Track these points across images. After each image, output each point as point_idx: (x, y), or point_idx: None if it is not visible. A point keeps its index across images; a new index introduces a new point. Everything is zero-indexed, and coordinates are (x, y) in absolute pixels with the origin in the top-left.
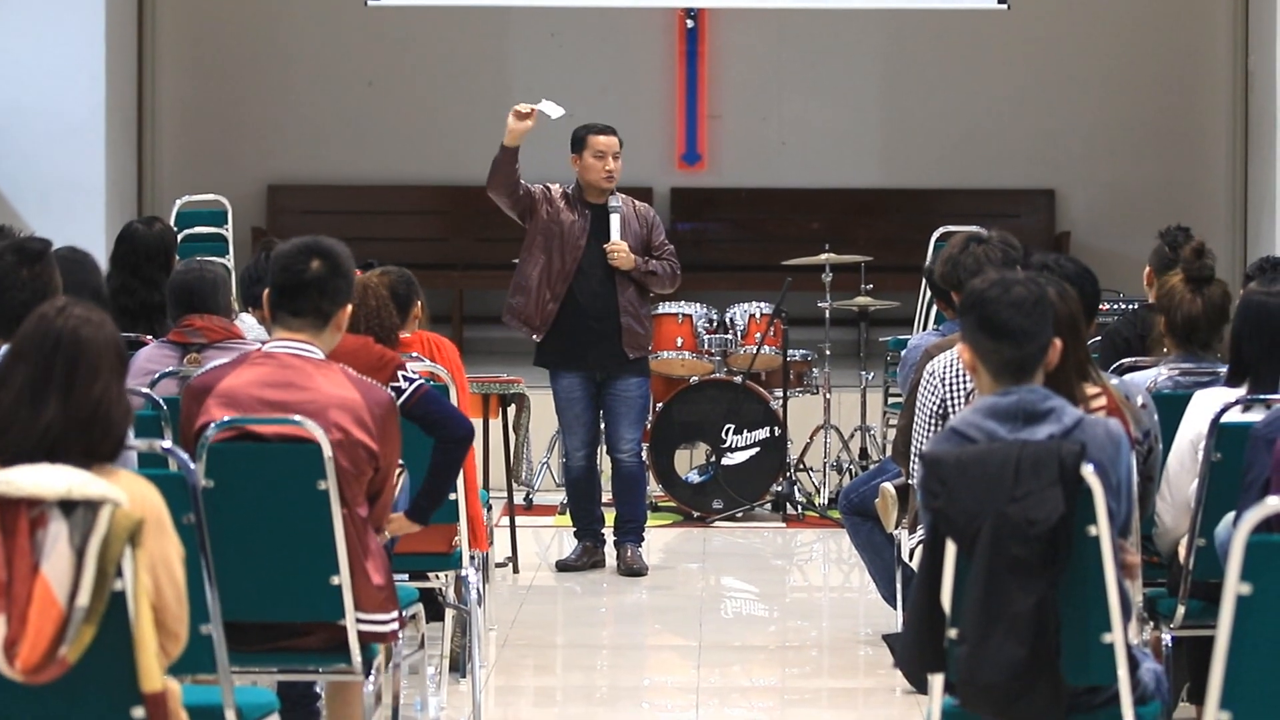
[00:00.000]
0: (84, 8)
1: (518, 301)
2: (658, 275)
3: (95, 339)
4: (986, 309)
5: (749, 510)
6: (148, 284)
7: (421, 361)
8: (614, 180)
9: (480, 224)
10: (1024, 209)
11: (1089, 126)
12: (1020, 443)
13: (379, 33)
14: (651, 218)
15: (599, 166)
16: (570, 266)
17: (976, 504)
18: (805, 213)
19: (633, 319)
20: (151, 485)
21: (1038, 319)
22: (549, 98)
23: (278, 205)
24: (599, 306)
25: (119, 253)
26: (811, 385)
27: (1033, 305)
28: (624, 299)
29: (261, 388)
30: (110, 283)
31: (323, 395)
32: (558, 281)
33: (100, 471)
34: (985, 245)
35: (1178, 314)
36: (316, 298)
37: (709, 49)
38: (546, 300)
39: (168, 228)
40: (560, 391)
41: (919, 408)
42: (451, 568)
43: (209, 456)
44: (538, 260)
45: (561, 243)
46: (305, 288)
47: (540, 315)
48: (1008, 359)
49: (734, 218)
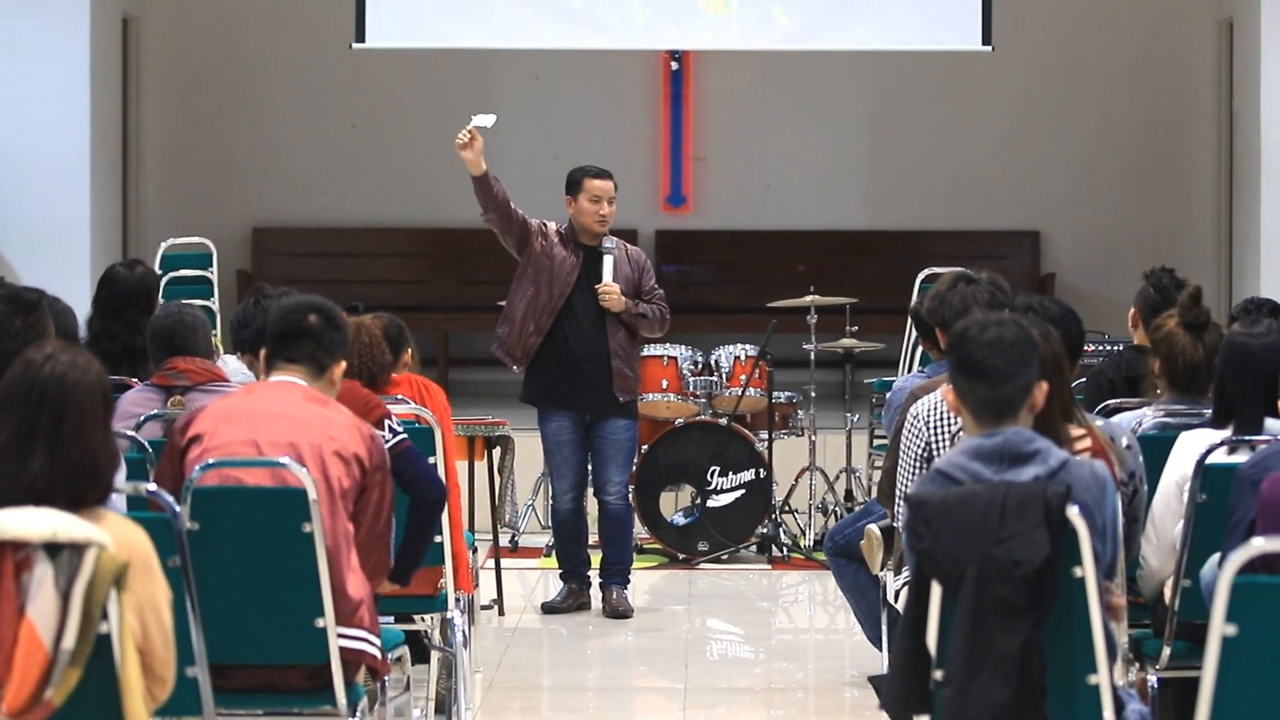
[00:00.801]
0: (69, 49)
1: (502, 331)
2: (647, 318)
3: (81, 385)
4: (963, 348)
5: (734, 552)
6: (130, 327)
7: (407, 404)
8: (607, 224)
9: (465, 266)
10: (1009, 250)
11: (1073, 168)
12: (1005, 484)
13: (364, 75)
14: (643, 262)
15: (593, 210)
16: (557, 302)
17: (961, 545)
18: (790, 255)
19: (623, 362)
20: (139, 528)
21: (1015, 360)
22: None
23: (263, 248)
24: (590, 349)
25: (101, 296)
26: (797, 427)
27: (1010, 345)
28: (614, 342)
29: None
30: (92, 326)
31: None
32: (543, 315)
33: (87, 515)
34: (974, 286)
35: (1179, 361)
36: (313, 346)
37: (694, 91)
38: (530, 332)
39: (150, 271)
40: (549, 434)
41: (903, 450)
42: (437, 610)
43: (194, 499)
44: (526, 292)
45: (551, 277)
46: (303, 334)
47: (522, 347)
48: (982, 399)
49: (719, 260)
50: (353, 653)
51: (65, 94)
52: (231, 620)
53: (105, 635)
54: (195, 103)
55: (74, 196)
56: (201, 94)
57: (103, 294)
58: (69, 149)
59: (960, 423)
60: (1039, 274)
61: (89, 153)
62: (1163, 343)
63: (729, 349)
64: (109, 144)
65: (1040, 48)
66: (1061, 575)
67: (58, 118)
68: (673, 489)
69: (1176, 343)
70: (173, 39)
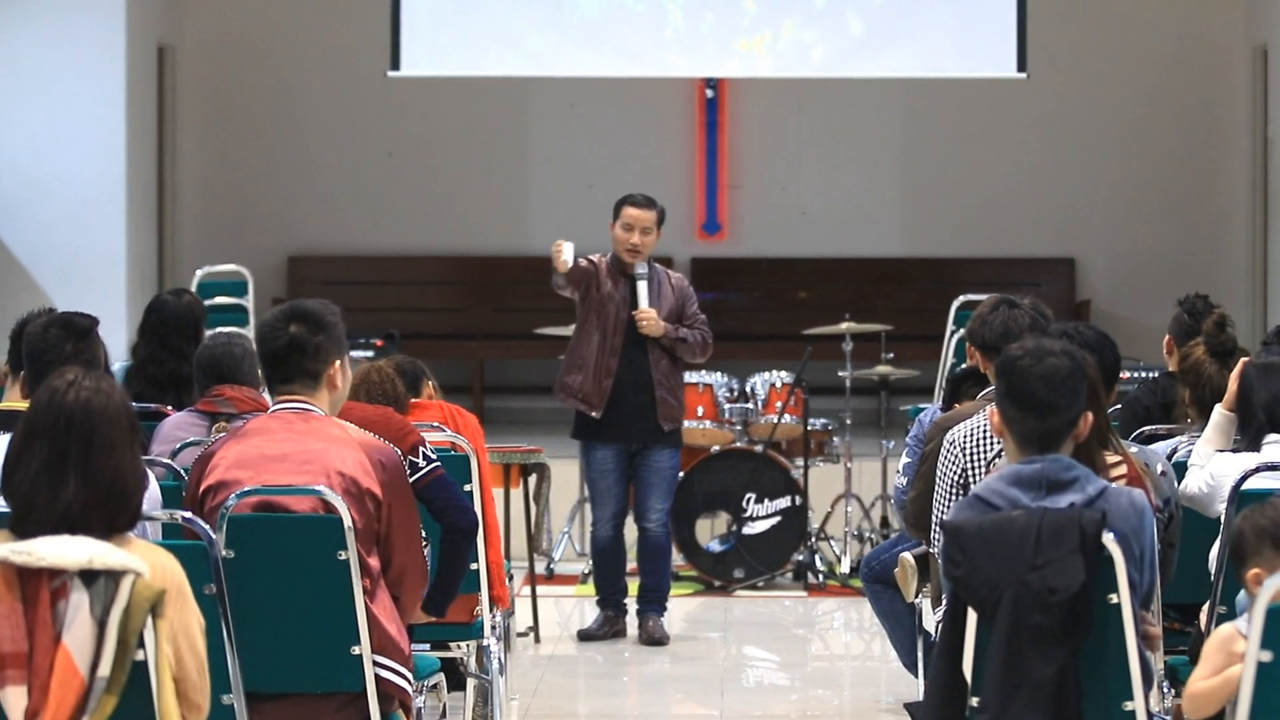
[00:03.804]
0: (104, 80)
1: (575, 380)
2: (688, 343)
3: (107, 409)
4: (1016, 378)
5: (770, 579)
6: (176, 355)
7: (443, 431)
8: (637, 255)
9: (499, 294)
10: (1044, 277)
11: (1109, 194)
12: (1041, 510)
13: (399, 104)
14: (686, 288)
15: (624, 239)
16: (618, 341)
17: (997, 572)
18: (825, 282)
19: (667, 391)
20: (171, 556)
21: (1067, 393)
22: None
23: (298, 276)
24: (635, 379)
25: (148, 323)
26: (832, 454)
27: (1063, 379)
28: (658, 371)
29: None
30: (138, 353)
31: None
32: (609, 357)
33: (118, 542)
34: (1016, 310)
35: (1206, 389)
36: (299, 359)
37: (729, 119)
38: (603, 377)
39: (196, 300)
40: (595, 463)
41: (939, 477)
42: (473, 637)
43: (229, 527)
44: (592, 336)
45: (611, 318)
46: (285, 353)
47: (599, 393)
48: (1031, 429)
49: (754, 287)
50: (388, 683)
51: (100, 123)
52: (267, 648)
53: (141, 663)
54: (231, 131)
55: (109, 226)
56: (237, 123)
57: (150, 321)
58: (104, 178)
59: (996, 449)
60: (1074, 300)
61: (124, 182)
62: (1190, 371)
63: (764, 376)
64: (144, 173)
65: (1075, 75)
66: (1097, 602)
67: (93, 147)
68: (709, 516)
69: (1203, 370)
70: (208, 68)
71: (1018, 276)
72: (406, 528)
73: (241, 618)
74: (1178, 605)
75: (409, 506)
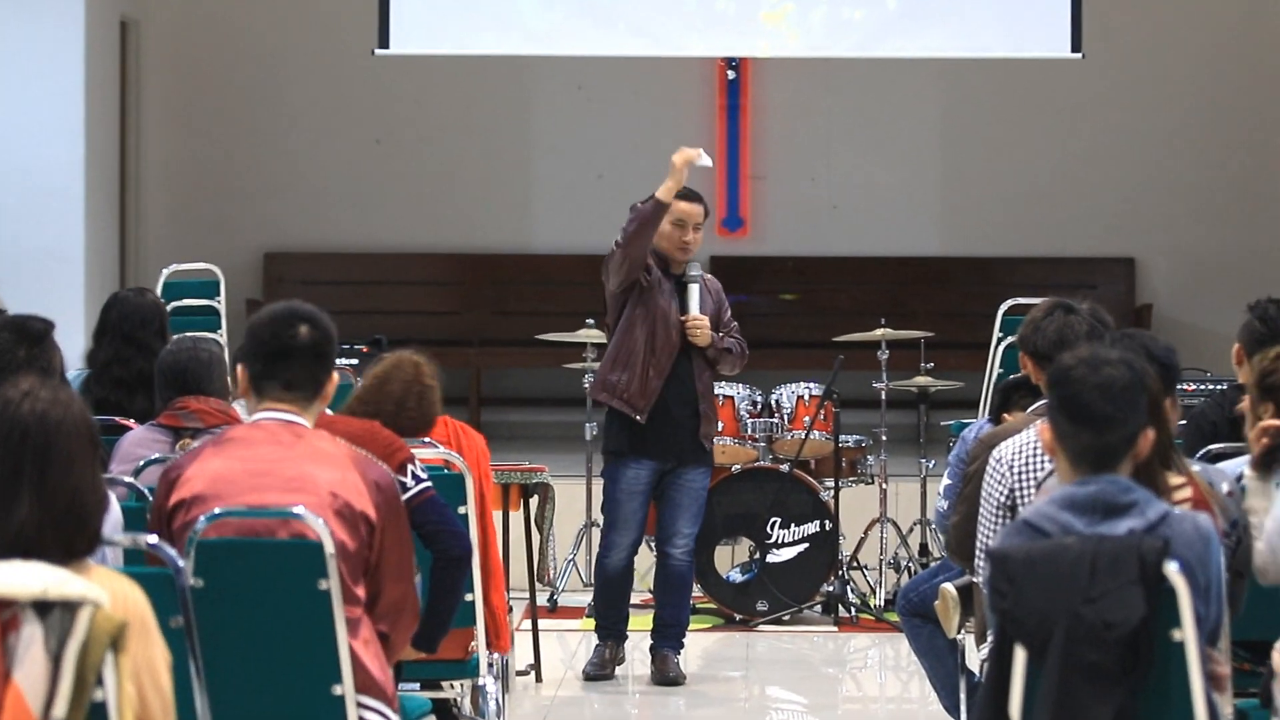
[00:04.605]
0: (61, 55)
1: (620, 379)
2: (731, 354)
3: (64, 422)
4: (1069, 388)
5: (797, 612)
6: (144, 351)
7: (435, 447)
8: (689, 253)
9: (499, 296)
10: (1101, 279)
11: (1172, 188)
12: (1097, 537)
13: (388, 85)
14: (722, 294)
15: (676, 236)
16: (675, 339)
17: (1048, 604)
18: (859, 283)
19: (708, 405)
20: (134, 584)
21: (1125, 405)
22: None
23: (275, 275)
24: (680, 390)
25: (109, 320)
26: (866, 474)
27: (1121, 390)
28: (702, 383)
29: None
30: (98, 355)
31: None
32: (662, 357)
33: (75, 567)
34: (1073, 315)
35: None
36: (311, 365)
37: (752, 103)
38: (651, 377)
39: (159, 299)
40: (624, 482)
41: (984, 499)
42: (468, 676)
43: (198, 553)
44: (641, 332)
45: (664, 314)
46: (301, 355)
47: (645, 395)
48: (1085, 446)
49: (780, 289)
50: None
51: (57, 105)
52: (239, 687)
53: (100, 703)
54: (201, 115)
55: (66, 219)
56: (208, 105)
57: (112, 317)
58: (61, 167)
59: (1047, 469)
60: (1134, 304)
61: (83, 170)
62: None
63: (791, 388)
64: (105, 160)
65: (1134, 55)
66: (1159, 638)
67: (49, 132)
68: (729, 542)
69: None
70: (176, 44)
71: (1071, 278)
72: (399, 555)
73: (211, 653)
74: (1248, 643)
75: (403, 532)
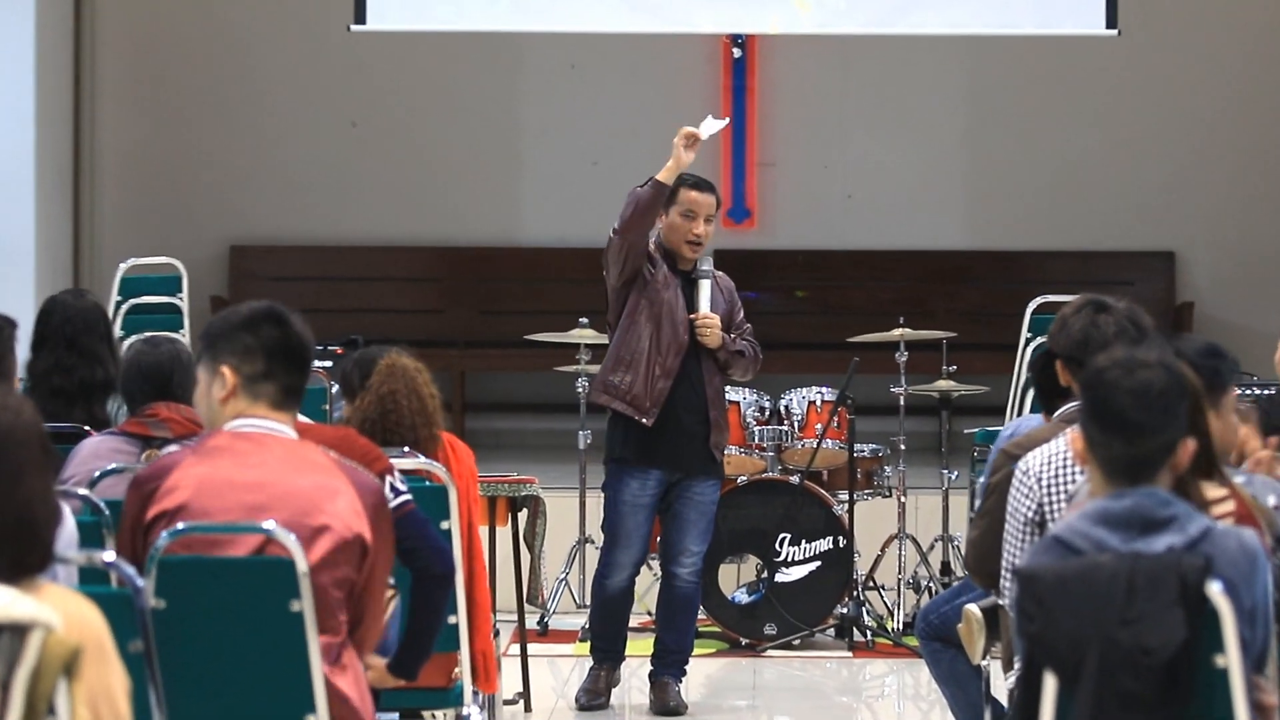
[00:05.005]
0: (10, 37)
1: (624, 380)
2: (744, 357)
3: (15, 430)
4: (1100, 392)
5: (808, 636)
6: (89, 359)
7: (415, 457)
8: (699, 250)
9: (485, 293)
10: (1138, 275)
11: (1216, 176)
12: (1133, 555)
13: (364, 64)
14: (734, 292)
15: (686, 228)
16: (683, 337)
17: (1080, 628)
18: (875, 279)
19: (719, 412)
20: (91, 605)
21: (1161, 413)
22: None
23: (242, 269)
24: (688, 395)
25: (50, 326)
26: (883, 487)
27: (1157, 395)
28: (712, 388)
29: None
30: (37, 364)
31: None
32: (669, 355)
33: (26, 587)
34: (1107, 314)
35: None
36: (306, 373)
37: (760, 83)
38: (657, 377)
39: (99, 301)
40: (628, 494)
41: (1010, 514)
42: (451, 705)
43: (160, 571)
44: (645, 329)
45: (671, 310)
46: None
47: (651, 396)
48: (1117, 455)
49: (789, 285)
50: None
51: (4, 87)
52: (203, 717)
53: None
54: (162, 97)
55: (16, 209)
56: (169, 87)
57: (52, 324)
58: (9, 152)
59: (1079, 480)
60: (1174, 302)
61: (33, 156)
62: None
63: (802, 393)
64: (58, 146)
65: (1177, 32)
66: (1200, 665)
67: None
68: (734, 561)
69: None
70: (135, 20)
71: (1106, 273)
72: (383, 577)
73: (174, 680)
74: None
75: (391, 552)
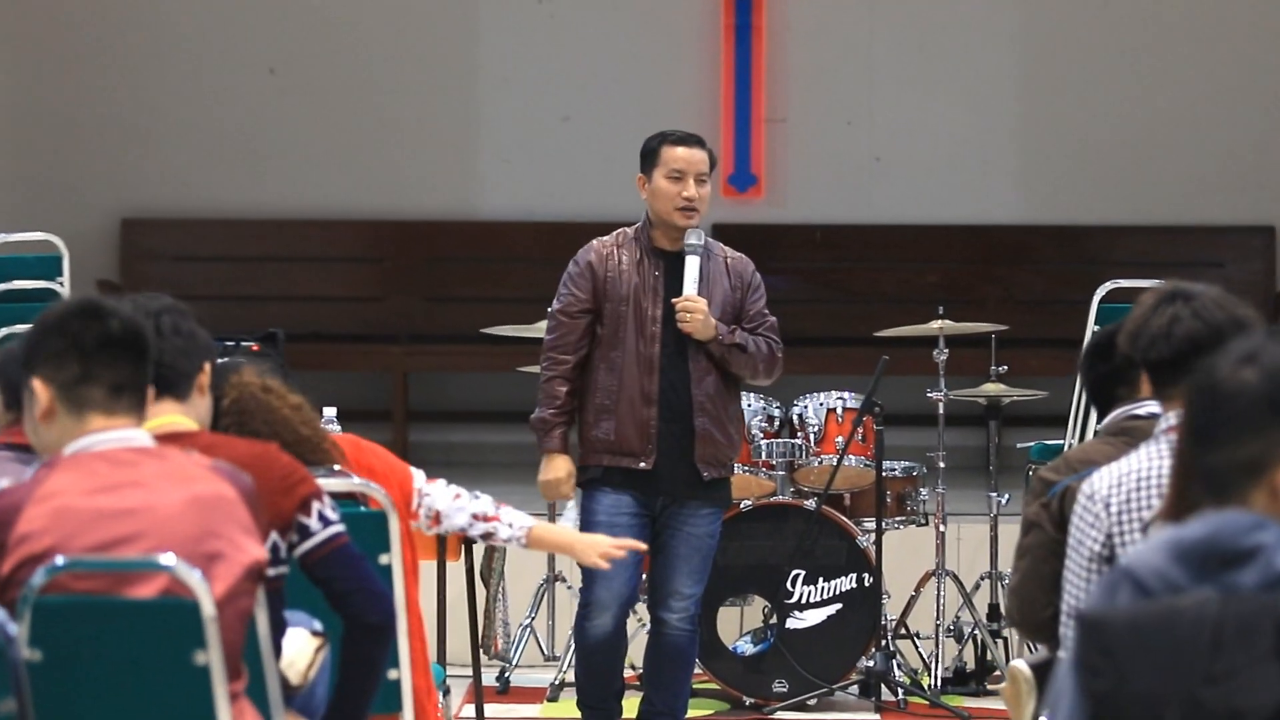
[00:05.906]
0: None
1: (606, 430)
2: (746, 352)
3: None
4: (1192, 394)
5: (826, 695)
6: None
7: (347, 478)
8: (695, 215)
9: (433, 277)
10: (1230, 255)
11: None
12: (1221, 598)
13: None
14: (748, 273)
15: (673, 192)
16: (653, 328)
17: (1159, 686)
18: (908, 261)
19: (711, 420)
20: None
21: (1256, 419)
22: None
23: (136, 247)
24: (670, 399)
25: None
26: (918, 513)
27: (1252, 400)
28: (700, 390)
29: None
30: None
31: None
32: (644, 376)
33: None
34: (1190, 304)
35: None
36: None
37: (769, 24)
38: (642, 405)
39: None
40: (602, 510)
41: (1073, 547)
42: None
43: (34, 617)
44: (615, 364)
45: (636, 323)
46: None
47: (643, 434)
48: (1196, 468)
49: (804, 267)
50: None
51: None
52: None
53: None
54: (42, 48)
55: None
56: (50, 32)
57: None
58: None
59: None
60: (1274, 287)
61: None
62: None
63: (818, 398)
64: None
65: None
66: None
67: None
68: (736, 603)
69: None
70: None
71: (1191, 254)
72: None
73: None
74: None
75: None
